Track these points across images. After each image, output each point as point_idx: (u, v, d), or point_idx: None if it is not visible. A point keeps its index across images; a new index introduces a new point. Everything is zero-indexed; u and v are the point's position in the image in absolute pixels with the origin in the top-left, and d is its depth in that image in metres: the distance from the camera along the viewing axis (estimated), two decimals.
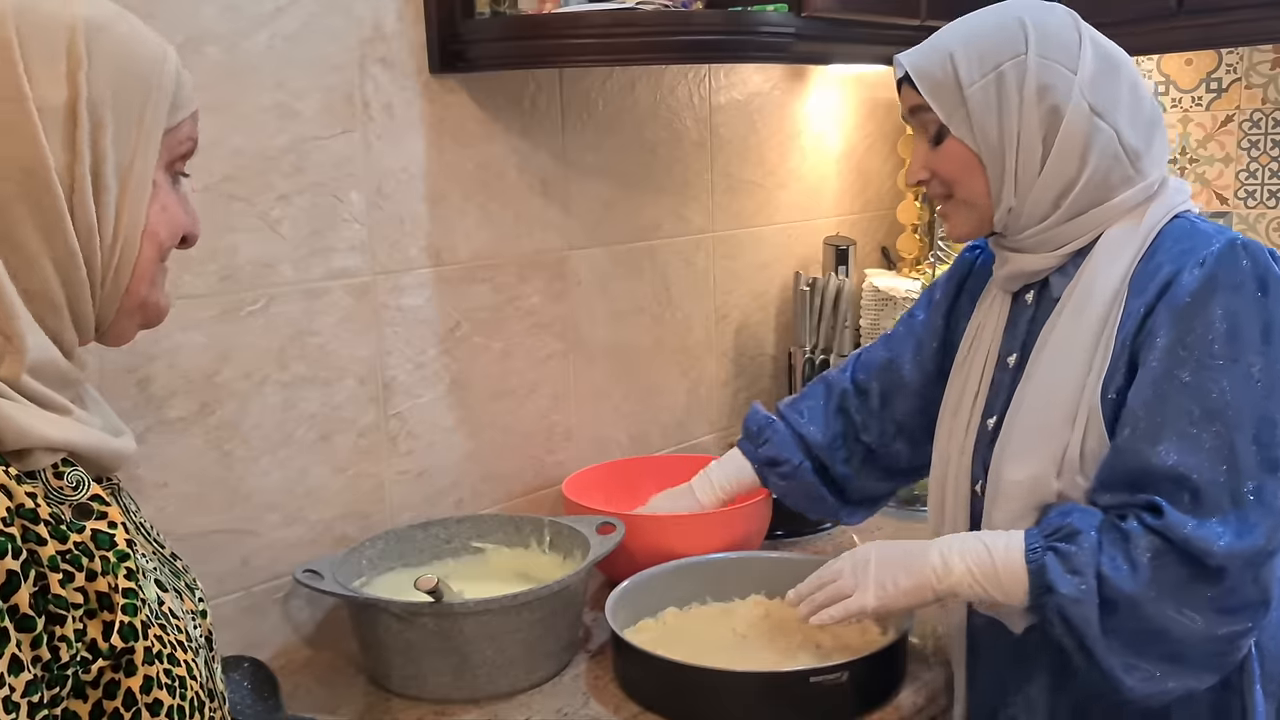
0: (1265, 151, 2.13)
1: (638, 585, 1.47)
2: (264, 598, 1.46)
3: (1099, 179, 1.17)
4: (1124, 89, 1.18)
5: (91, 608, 0.76)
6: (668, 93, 1.93)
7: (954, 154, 1.20)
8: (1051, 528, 1.13)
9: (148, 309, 0.87)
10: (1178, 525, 1.06)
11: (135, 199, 0.81)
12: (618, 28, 1.49)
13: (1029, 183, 1.18)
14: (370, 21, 1.49)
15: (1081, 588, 1.08)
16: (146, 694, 0.79)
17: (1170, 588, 1.07)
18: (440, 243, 1.61)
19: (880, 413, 1.49)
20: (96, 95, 0.78)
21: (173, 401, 1.35)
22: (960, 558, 1.16)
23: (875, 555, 1.23)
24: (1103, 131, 1.16)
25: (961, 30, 1.21)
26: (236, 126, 1.37)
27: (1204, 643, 1.07)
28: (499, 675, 1.34)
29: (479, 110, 1.64)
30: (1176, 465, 1.08)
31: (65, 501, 0.79)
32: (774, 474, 1.53)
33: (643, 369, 1.97)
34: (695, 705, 1.28)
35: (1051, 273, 1.23)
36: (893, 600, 1.21)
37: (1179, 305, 1.10)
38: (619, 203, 1.88)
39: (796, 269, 2.22)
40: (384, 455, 1.58)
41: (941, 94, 1.19)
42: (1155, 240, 1.17)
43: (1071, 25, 1.19)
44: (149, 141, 0.82)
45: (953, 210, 1.25)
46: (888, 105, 2.41)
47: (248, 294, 1.40)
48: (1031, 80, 1.16)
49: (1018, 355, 1.25)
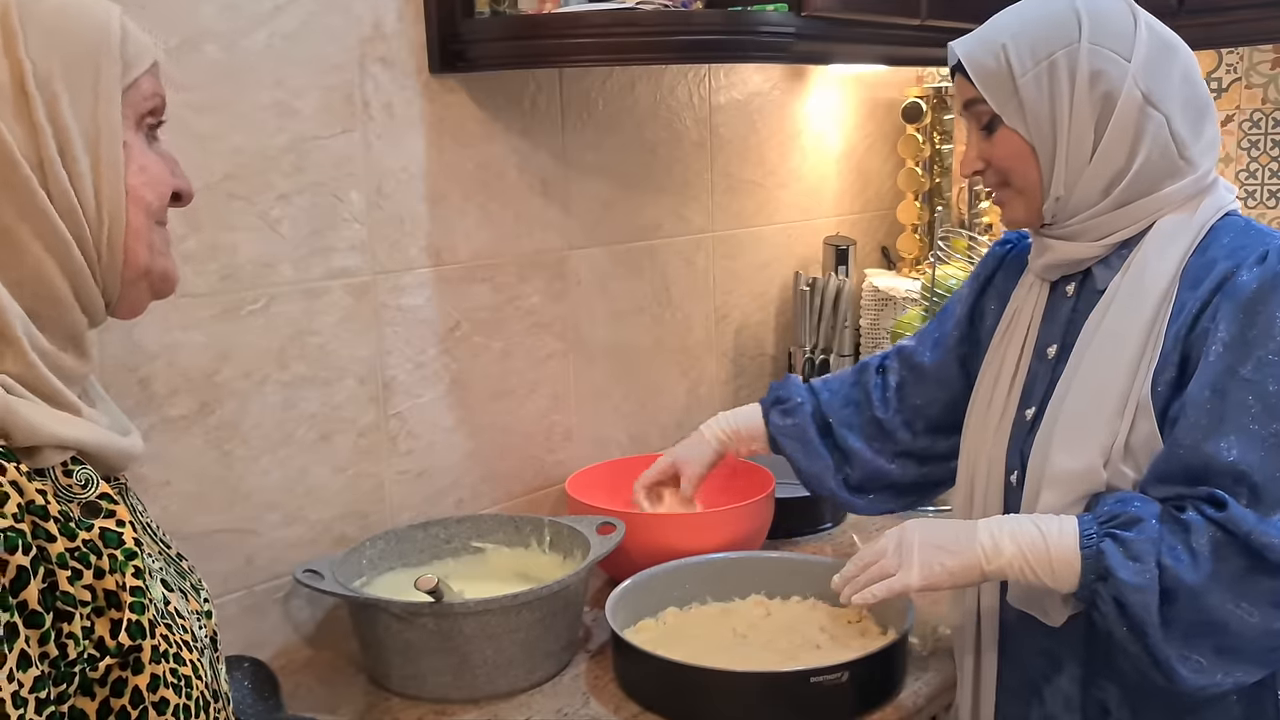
0: (1265, 151, 2.13)
1: (638, 585, 1.47)
2: (264, 597, 1.46)
3: (1149, 168, 1.17)
4: (1177, 76, 1.18)
5: (99, 605, 0.76)
6: (668, 93, 1.93)
7: (1007, 143, 1.21)
8: (1108, 514, 1.12)
9: (153, 276, 0.85)
10: (1240, 520, 1.06)
11: (110, 166, 0.80)
12: (618, 28, 1.49)
13: (1078, 170, 1.18)
14: (370, 21, 1.49)
15: (1144, 575, 1.07)
16: (153, 692, 0.79)
17: (1230, 580, 1.06)
18: (440, 242, 1.61)
19: (897, 393, 1.49)
20: (43, 69, 0.76)
21: (173, 400, 1.35)
22: (1011, 539, 1.14)
23: (920, 535, 1.20)
24: (1154, 120, 1.16)
25: (1015, 19, 1.21)
26: (236, 125, 1.37)
27: (1260, 637, 1.07)
28: (499, 675, 1.34)
29: (479, 110, 1.64)
30: (1236, 461, 1.07)
31: (74, 499, 0.79)
32: (776, 411, 1.52)
33: (643, 369, 1.97)
34: (695, 705, 1.28)
35: (1095, 263, 1.23)
36: (938, 580, 1.18)
37: (1241, 300, 1.10)
38: (619, 203, 1.88)
39: (796, 269, 2.22)
40: (384, 455, 1.58)
41: (994, 85, 1.19)
42: (1208, 235, 1.17)
43: (1126, 11, 1.19)
44: (109, 105, 0.80)
45: (1008, 199, 1.25)
46: (888, 105, 2.41)
47: (248, 293, 1.40)
48: (1083, 68, 1.16)
49: (1058, 346, 1.25)
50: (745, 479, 1.75)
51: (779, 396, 1.54)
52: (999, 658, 1.32)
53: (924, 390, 1.46)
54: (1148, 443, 1.14)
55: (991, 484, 1.28)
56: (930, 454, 1.46)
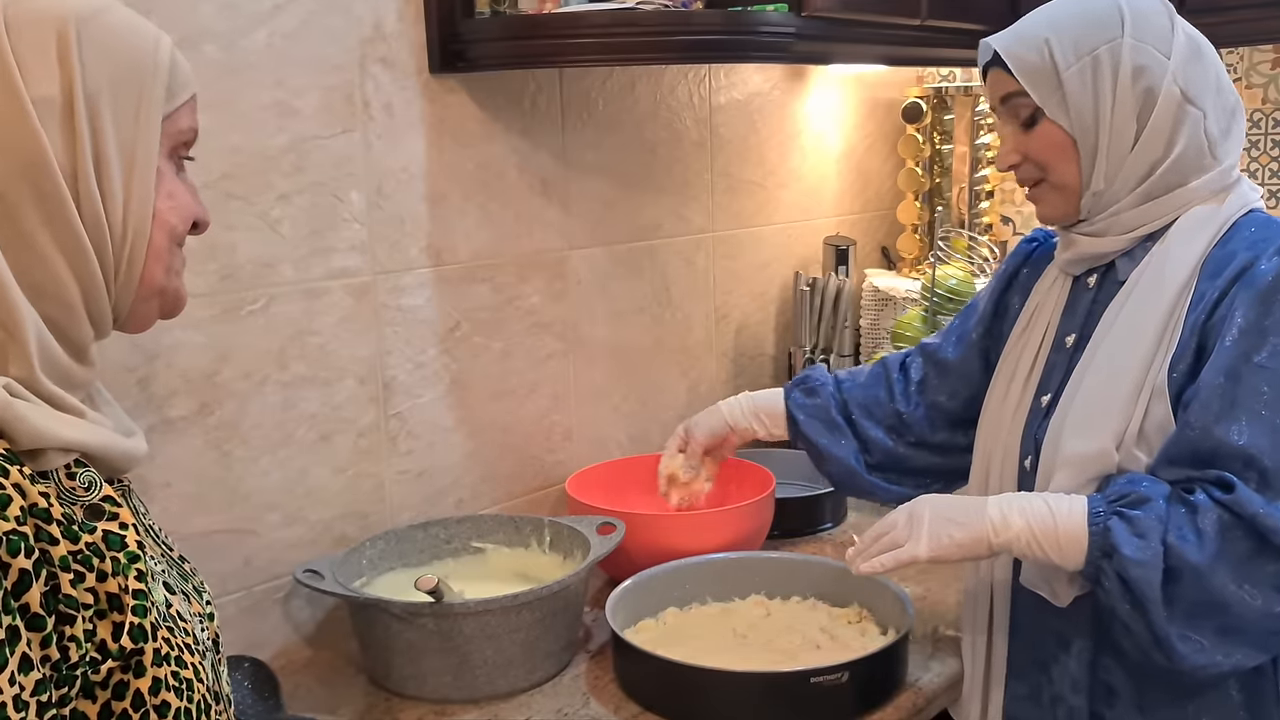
0: (1265, 151, 2.13)
1: (638, 585, 1.47)
2: (264, 598, 1.46)
3: (1180, 163, 1.19)
4: (1211, 75, 1.20)
5: (101, 608, 0.76)
6: (668, 93, 1.93)
7: (1049, 137, 1.22)
8: (1117, 494, 1.13)
9: (165, 296, 0.87)
10: (1247, 502, 1.07)
11: (141, 187, 0.81)
12: (618, 28, 1.49)
13: (1118, 164, 1.20)
14: (370, 21, 1.49)
15: (1147, 552, 1.08)
16: (155, 696, 0.79)
17: (1235, 562, 1.07)
18: (440, 243, 1.61)
19: (919, 388, 1.50)
20: (92, 85, 0.78)
21: (173, 401, 1.35)
22: (1020, 514, 1.15)
23: (930, 508, 1.22)
24: (1192, 116, 1.18)
25: (1054, 14, 1.22)
26: (235, 125, 1.37)
27: (1262, 619, 1.08)
28: (499, 675, 1.34)
29: (479, 110, 1.64)
30: (1247, 446, 1.09)
31: (77, 502, 0.79)
32: (799, 391, 1.54)
33: (642, 369, 1.97)
34: (695, 705, 1.28)
35: (1118, 256, 1.25)
36: (946, 552, 1.19)
37: (1259, 289, 1.11)
38: (619, 203, 1.88)
39: (796, 269, 2.22)
40: (384, 455, 1.58)
41: (1038, 78, 1.20)
42: (1230, 229, 1.19)
43: (1164, 10, 1.21)
44: (149, 129, 0.82)
45: (1044, 194, 1.26)
46: (888, 105, 2.41)
47: (248, 294, 1.40)
48: (1127, 63, 1.17)
49: (1076, 335, 1.26)
50: (745, 479, 1.75)
51: (803, 378, 1.56)
52: (1012, 636, 1.33)
53: (946, 384, 1.47)
54: (1162, 427, 1.15)
55: (1006, 469, 1.30)
56: (950, 446, 1.47)
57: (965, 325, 1.47)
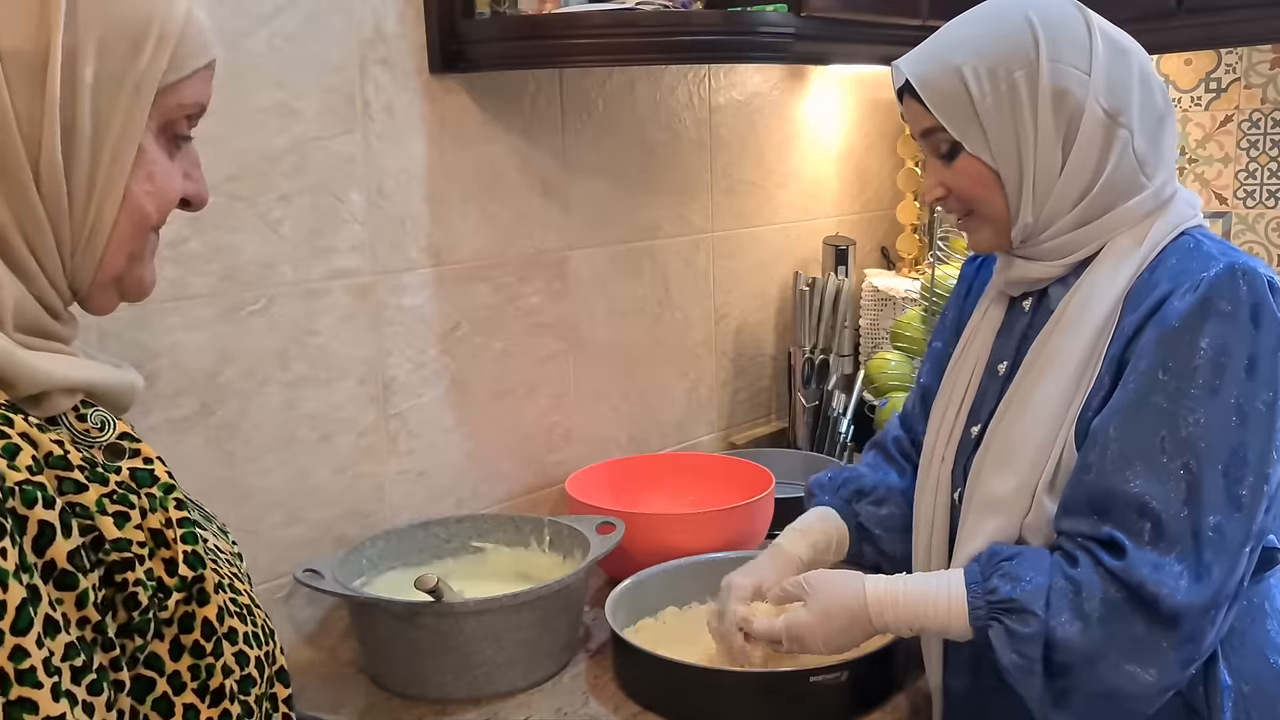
0: (1264, 151, 2.13)
1: (638, 585, 1.47)
2: (265, 597, 1.46)
3: (1113, 185, 1.13)
4: (1135, 82, 1.13)
5: (151, 547, 0.72)
6: (668, 93, 1.93)
7: (970, 171, 1.16)
8: (1000, 598, 1.08)
9: (125, 283, 0.79)
10: (1136, 568, 1.02)
11: (114, 166, 0.73)
12: (617, 28, 1.49)
13: (1045, 194, 1.14)
14: (370, 22, 1.49)
15: (1021, 664, 1.06)
16: (220, 623, 0.75)
17: (1124, 644, 1.03)
18: (440, 243, 1.61)
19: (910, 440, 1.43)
20: (75, 46, 0.70)
21: (175, 401, 1.35)
22: (892, 610, 1.14)
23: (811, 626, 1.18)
24: (1120, 136, 1.12)
25: (966, 37, 1.15)
26: (236, 126, 1.37)
27: (1159, 695, 1.05)
28: (499, 675, 1.35)
29: (479, 110, 1.64)
30: (1141, 494, 1.04)
31: (94, 444, 0.74)
32: (865, 503, 1.40)
33: (642, 369, 1.97)
34: (695, 705, 1.28)
35: (1052, 282, 1.20)
36: (841, 645, 1.19)
37: (1166, 329, 1.06)
38: (619, 203, 1.88)
39: (796, 269, 2.23)
40: (384, 455, 1.58)
41: (952, 111, 1.13)
42: (1158, 256, 1.13)
43: (1079, 17, 1.14)
44: (134, 100, 0.73)
45: (974, 226, 1.21)
46: (887, 105, 2.41)
47: (249, 294, 1.41)
48: (1046, 88, 1.11)
49: (1008, 364, 1.21)
50: (745, 479, 1.75)
51: (859, 490, 1.41)
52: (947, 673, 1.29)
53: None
54: (1069, 470, 1.11)
55: (940, 503, 1.26)
56: None
57: (939, 353, 1.40)
